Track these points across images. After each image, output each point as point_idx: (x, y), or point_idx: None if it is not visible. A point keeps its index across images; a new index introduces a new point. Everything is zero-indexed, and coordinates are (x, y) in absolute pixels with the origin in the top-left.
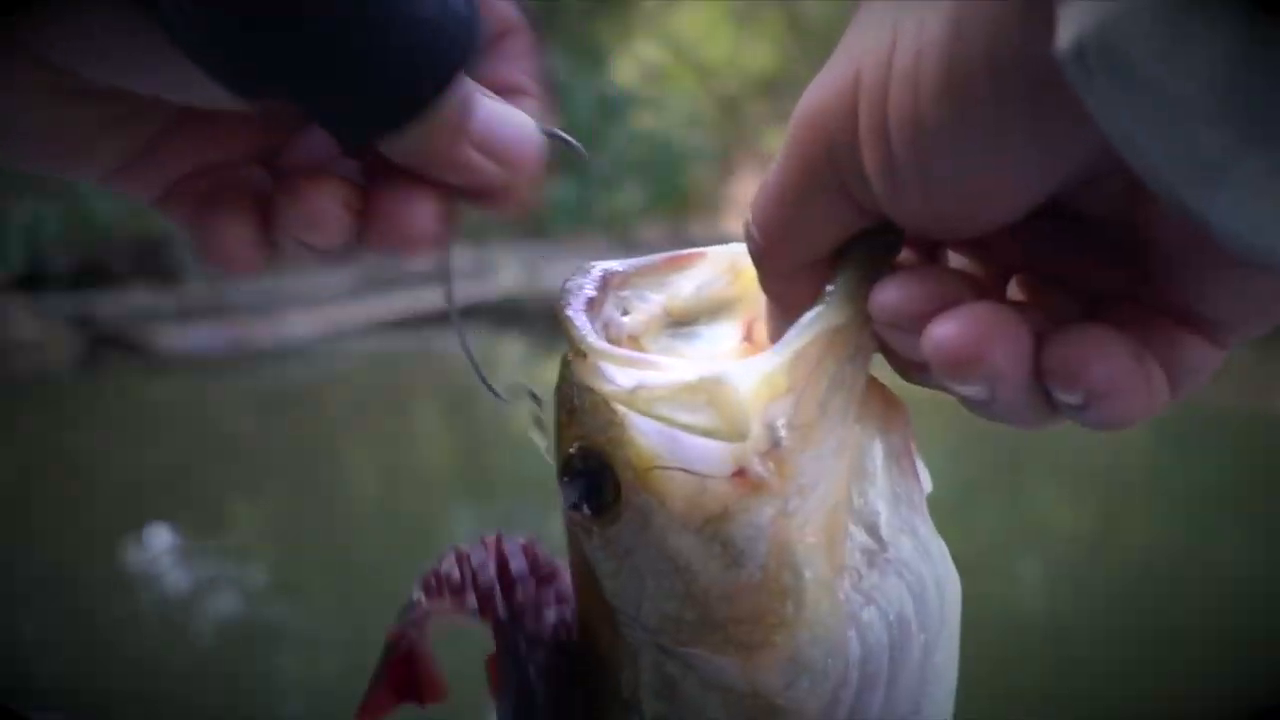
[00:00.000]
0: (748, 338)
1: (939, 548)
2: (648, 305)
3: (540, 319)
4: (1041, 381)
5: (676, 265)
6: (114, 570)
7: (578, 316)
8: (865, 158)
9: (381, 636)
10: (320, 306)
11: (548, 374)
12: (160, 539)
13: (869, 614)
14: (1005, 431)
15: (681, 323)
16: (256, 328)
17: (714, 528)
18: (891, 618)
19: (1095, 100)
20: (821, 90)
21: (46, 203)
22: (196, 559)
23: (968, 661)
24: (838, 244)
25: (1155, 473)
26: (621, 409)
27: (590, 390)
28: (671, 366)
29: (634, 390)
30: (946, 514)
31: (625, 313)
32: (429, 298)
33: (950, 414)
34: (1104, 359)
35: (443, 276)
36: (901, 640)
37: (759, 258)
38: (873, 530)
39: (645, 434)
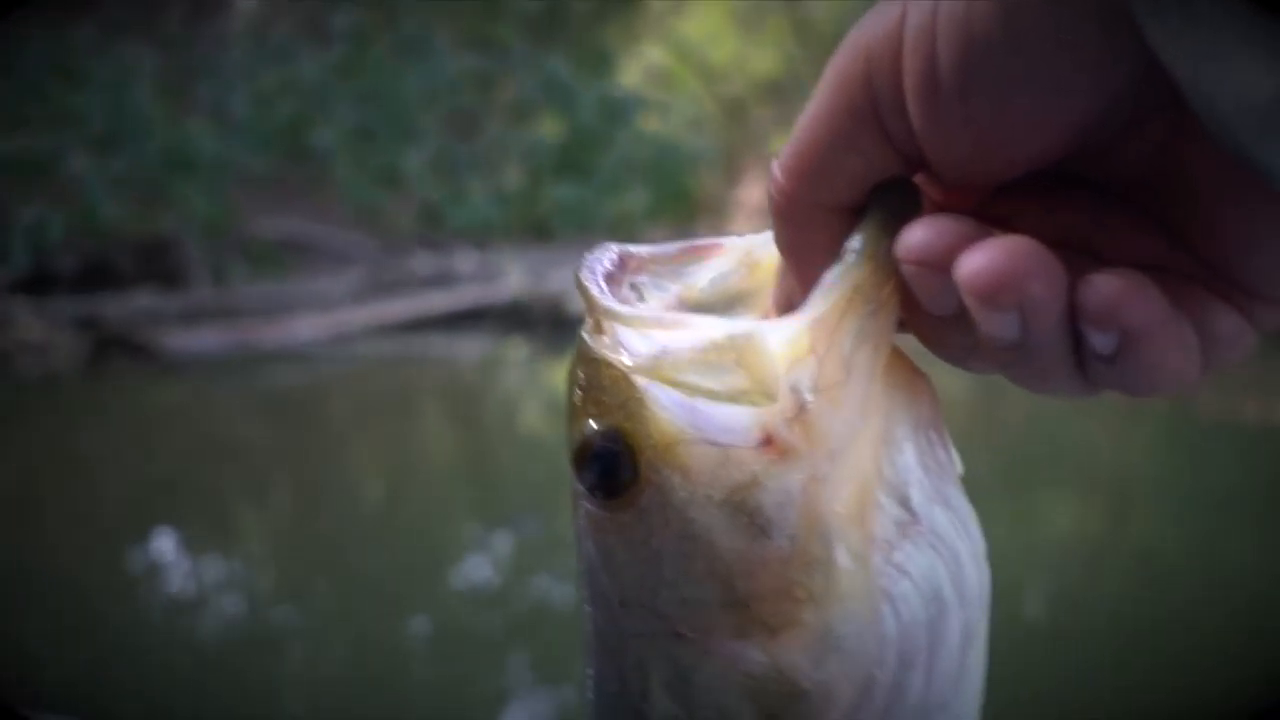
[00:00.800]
0: None
1: (974, 523)
2: (663, 294)
3: (545, 322)
4: (1076, 324)
5: (693, 255)
6: (118, 572)
7: (596, 283)
8: (907, 80)
9: (383, 639)
10: (325, 310)
11: (551, 376)
12: (165, 541)
13: (902, 588)
14: (1011, 436)
15: (696, 313)
16: (262, 331)
17: (741, 497)
18: (927, 593)
19: (1160, 36)
20: (867, 22)
21: (52, 205)
22: (201, 561)
23: None
24: (861, 189)
25: (1160, 481)
26: (641, 382)
27: (608, 365)
28: (696, 324)
29: (657, 357)
30: None
31: (641, 299)
32: (433, 301)
33: (957, 419)
34: (1141, 299)
35: None
36: (939, 617)
37: (779, 201)
38: (904, 501)
39: (665, 407)
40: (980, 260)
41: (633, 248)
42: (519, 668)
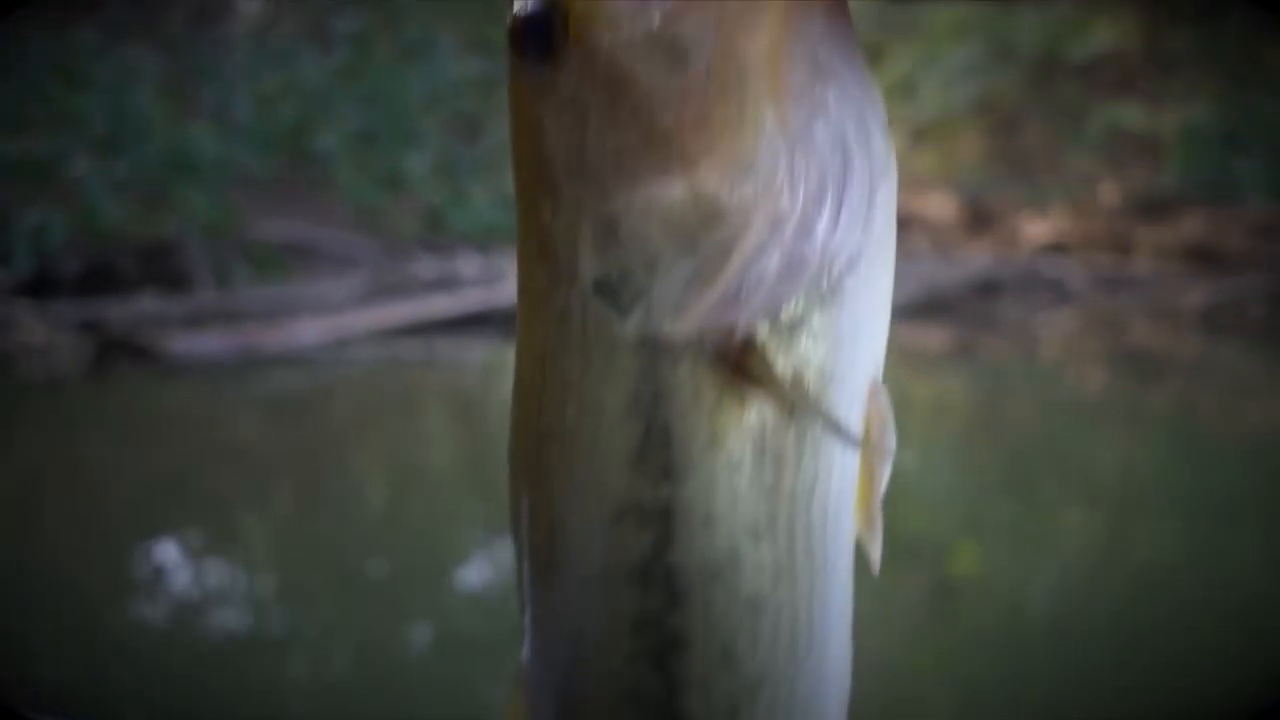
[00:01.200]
0: None
1: (880, 100)
2: None
3: None
4: None
5: None
6: (120, 573)
7: None
8: None
9: (386, 642)
10: (327, 313)
11: None
12: (166, 543)
13: (810, 130)
14: (1013, 439)
15: None
16: (265, 334)
17: (661, 34)
18: (833, 140)
19: None
20: None
21: (55, 208)
22: (202, 563)
23: (977, 665)
24: None
25: (1160, 482)
26: None
27: None
28: None
29: None
30: (956, 523)
31: None
32: (436, 305)
33: (958, 421)
34: None
35: None
36: (844, 168)
37: None
38: (813, 61)
39: None
40: None
41: None
42: None
